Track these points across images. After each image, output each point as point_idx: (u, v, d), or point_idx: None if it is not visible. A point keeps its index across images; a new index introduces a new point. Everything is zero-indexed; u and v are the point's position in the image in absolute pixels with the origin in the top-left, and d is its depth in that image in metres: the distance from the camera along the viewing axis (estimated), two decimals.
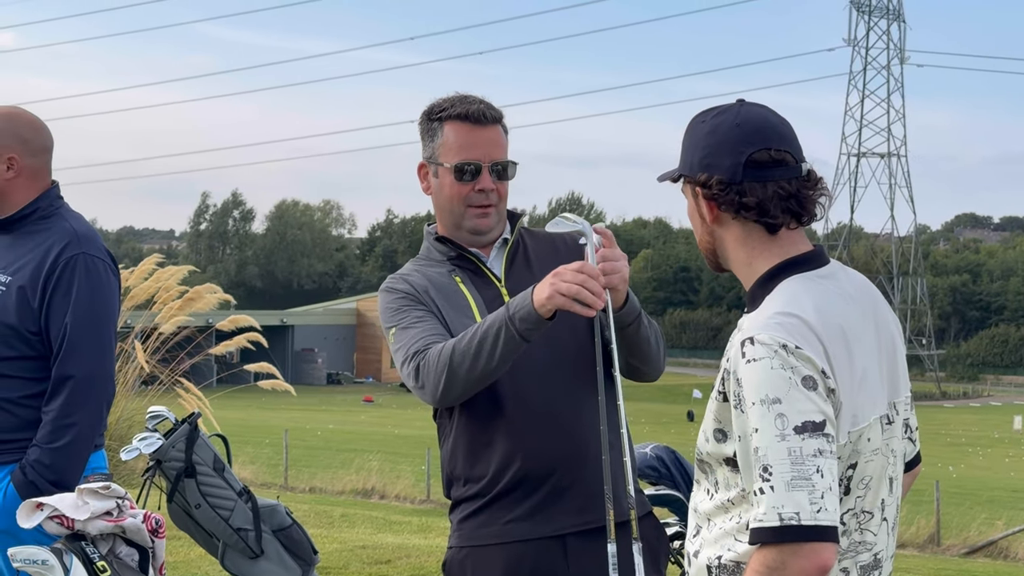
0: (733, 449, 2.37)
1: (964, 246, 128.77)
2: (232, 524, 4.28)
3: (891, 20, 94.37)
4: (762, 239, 2.47)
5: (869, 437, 2.38)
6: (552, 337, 3.04)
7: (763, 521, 2.22)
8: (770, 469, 2.22)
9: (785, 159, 2.44)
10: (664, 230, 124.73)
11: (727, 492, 2.42)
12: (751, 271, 2.49)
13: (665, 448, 5.83)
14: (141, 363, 10.82)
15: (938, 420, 53.84)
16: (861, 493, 2.39)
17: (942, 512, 16.63)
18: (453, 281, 3.29)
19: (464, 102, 3.30)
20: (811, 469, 2.21)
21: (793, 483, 2.20)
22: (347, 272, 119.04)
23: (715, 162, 2.45)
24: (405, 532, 12.19)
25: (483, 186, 3.27)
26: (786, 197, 2.43)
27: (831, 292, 2.43)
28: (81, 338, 3.74)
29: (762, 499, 2.22)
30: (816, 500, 2.19)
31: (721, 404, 2.39)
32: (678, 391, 61.40)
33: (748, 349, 2.31)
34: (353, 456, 21.51)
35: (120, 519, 3.52)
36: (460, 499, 3.27)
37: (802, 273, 2.44)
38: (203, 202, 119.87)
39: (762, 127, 2.46)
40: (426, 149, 3.35)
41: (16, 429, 3.75)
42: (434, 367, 3.07)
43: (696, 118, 2.56)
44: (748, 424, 2.28)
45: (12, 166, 3.83)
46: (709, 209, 2.49)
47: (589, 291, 2.89)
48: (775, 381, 2.26)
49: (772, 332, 2.31)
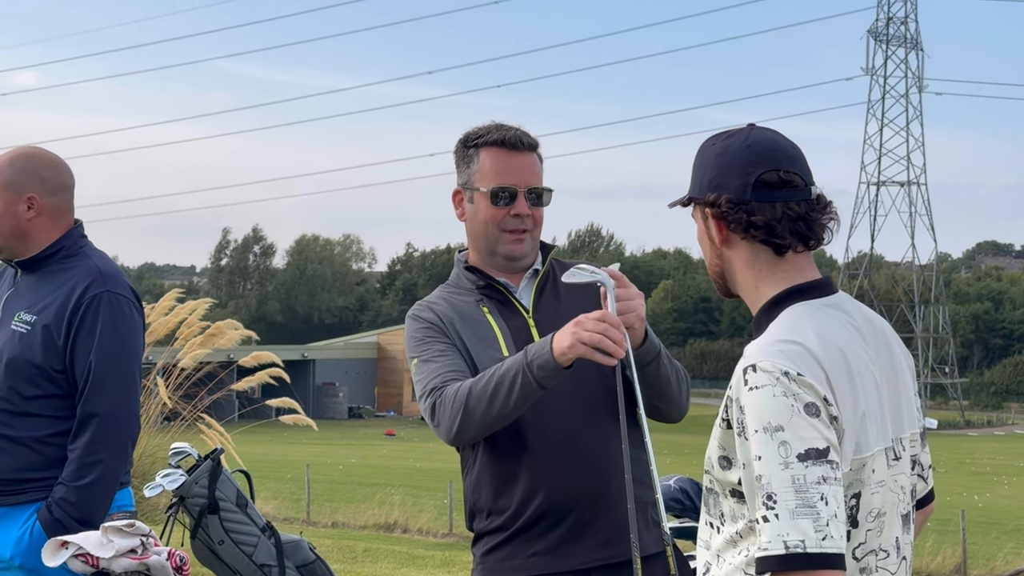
0: (738, 476, 2.35)
1: (986, 274, 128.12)
2: (256, 560, 4.29)
3: (909, 49, 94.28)
4: (769, 262, 2.47)
5: (874, 468, 2.36)
6: (577, 372, 3.03)
7: (768, 550, 2.20)
8: (774, 497, 2.20)
9: (794, 180, 2.45)
10: (684, 261, 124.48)
11: (734, 525, 2.40)
12: (758, 295, 2.50)
13: (689, 480, 5.79)
14: (164, 399, 10.84)
15: (963, 449, 53.43)
16: (871, 527, 2.37)
17: (968, 542, 16.48)
18: (480, 311, 3.29)
19: (500, 129, 3.33)
20: (815, 497, 2.19)
21: (798, 511, 2.18)
22: (367, 306, 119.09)
23: (724, 182, 2.46)
24: (429, 566, 12.15)
25: (518, 211, 3.29)
26: (794, 219, 2.44)
27: (836, 321, 2.43)
28: (106, 376, 3.76)
29: (766, 527, 2.21)
30: (821, 528, 2.17)
31: (725, 431, 2.38)
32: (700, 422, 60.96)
33: (750, 376, 2.30)
34: (375, 490, 21.45)
35: (145, 556, 3.52)
36: (483, 532, 3.27)
37: (807, 301, 2.44)
38: (224, 238, 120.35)
39: (771, 148, 2.47)
40: (461, 175, 3.37)
41: (42, 467, 3.77)
42: (450, 407, 3.07)
43: (706, 142, 2.58)
44: (751, 452, 2.27)
45: (32, 205, 3.86)
46: (718, 230, 2.50)
47: (611, 340, 2.90)
48: (777, 408, 2.25)
49: (774, 359, 2.30)
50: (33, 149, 3.98)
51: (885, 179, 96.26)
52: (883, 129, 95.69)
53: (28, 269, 3.91)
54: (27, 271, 3.91)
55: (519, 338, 3.22)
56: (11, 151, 3.94)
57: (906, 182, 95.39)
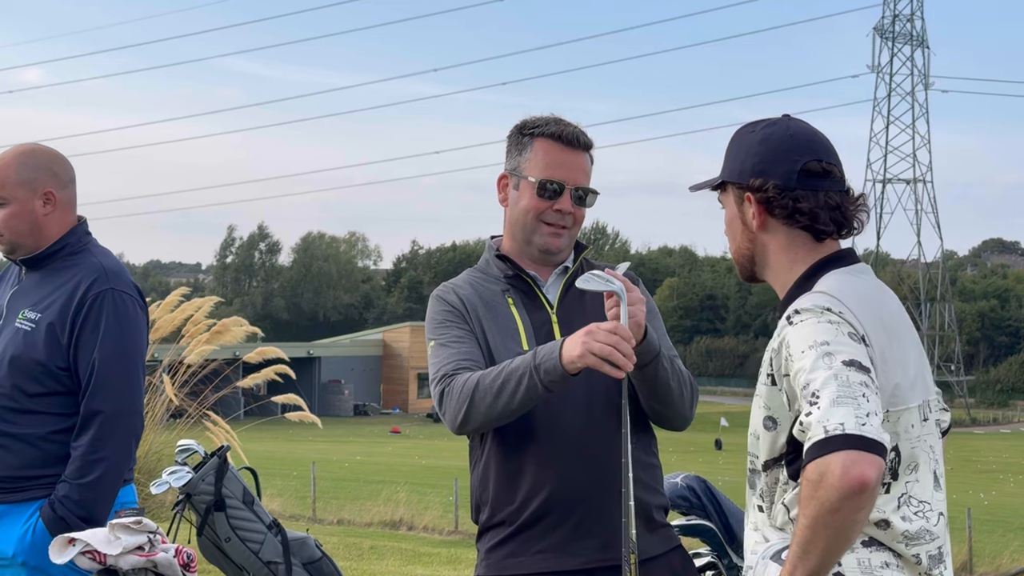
0: (784, 438, 2.38)
1: (992, 271, 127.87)
2: (262, 557, 4.29)
3: (915, 46, 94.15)
4: (807, 246, 2.55)
5: (912, 423, 2.41)
6: (590, 373, 3.02)
7: (811, 439, 2.18)
8: (817, 393, 2.21)
9: (833, 172, 2.54)
10: (690, 258, 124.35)
11: (783, 496, 2.42)
12: (790, 276, 2.56)
13: (696, 478, 5.78)
14: (170, 396, 10.85)
15: (969, 447, 53.41)
16: (910, 478, 2.40)
17: (974, 540, 16.47)
18: (505, 302, 3.29)
19: (559, 123, 3.32)
20: (858, 392, 2.20)
21: (839, 400, 2.18)
22: (373, 303, 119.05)
23: (769, 168, 2.53)
24: (435, 564, 12.15)
25: (562, 207, 3.29)
26: (833, 208, 2.53)
27: (869, 284, 2.52)
28: (109, 373, 3.76)
29: (808, 421, 2.20)
30: (861, 416, 2.16)
31: (769, 389, 2.42)
32: (706, 419, 61.09)
33: (794, 317, 2.38)
34: (381, 487, 21.46)
35: (152, 554, 3.52)
36: (488, 526, 3.27)
37: (841, 268, 2.53)
38: (229, 235, 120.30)
39: (813, 139, 2.56)
40: (511, 161, 3.36)
41: (45, 465, 3.76)
42: (456, 396, 3.08)
43: (744, 128, 2.64)
44: (796, 367, 2.29)
45: (49, 200, 3.87)
46: (758, 214, 2.56)
47: (621, 353, 2.89)
48: (823, 329, 2.31)
49: (816, 302, 2.37)
50: (37, 145, 3.98)
51: (891, 176, 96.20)
52: (889, 127, 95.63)
53: (32, 266, 3.90)
54: (31, 268, 3.91)
55: (540, 332, 3.22)
56: (14, 149, 3.92)
57: (912, 180, 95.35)
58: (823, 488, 2.13)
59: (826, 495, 2.13)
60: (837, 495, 2.11)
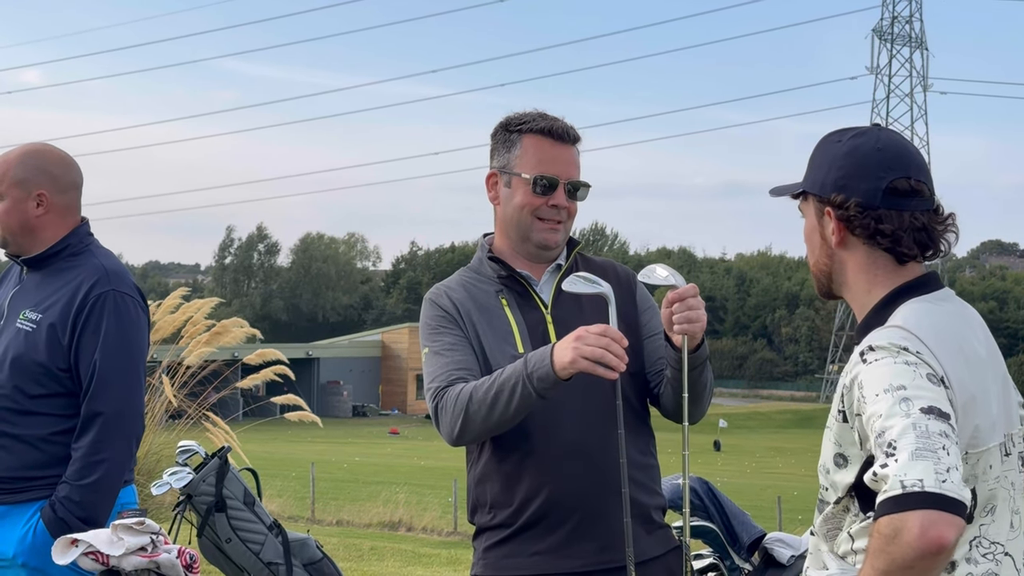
0: (854, 475, 2.27)
1: (990, 273, 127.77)
2: (263, 558, 4.29)
3: (913, 48, 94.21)
4: (887, 268, 2.42)
5: (991, 464, 2.29)
6: (587, 376, 3.02)
7: (886, 493, 2.05)
8: (894, 444, 2.07)
9: (922, 190, 2.39)
10: (688, 260, 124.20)
11: (850, 525, 2.33)
12: (869, 299, 2.43)
13: (698, 479, 5.77)
14: (169, 397, 10.85)
15: None
16: (985, 520, 2.30)
17: None
18: (499, 303, 3.28)
19: (546, 118, 3.32)
20: (937, 444, 2.05)
21: (918, 453, 2.04)
22: (372, 304, 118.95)
23: (852, 184, 2.39)
24: (434, 564, 12.16)
25: (556, 202, 3.28)
26: (919, 229, 2.38)
27: (949, 314, 2.37)
28: (110, 375, 3.75)
29: (884, 473, 2.06)
30: (942, 472, 2.02)
31: (840, 425, 2.30)
32: (704, 420, 60.26)
33: (868, 355, 2.24)
34: (380, 488, 21.45)
35: (155, 555, 3.52)
36: (485, 527, 3.27)
37: (920, 296, 2.38)
38: (228, 236, 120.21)
39: (903, 154, 2.40)
40: (499, 159, 3.35)
41: (45, 466, 3.76)
42: (451, 409, 3.08)
43: (830, 137, 2.50)
44: (869, 411, 2.16)
45: (42, 203, 3.86)
46: (838, 231, 2.43)
47: (612, 354, 2.89)
48: (899, 372, 2.17)
49: (891, 339, 2.24)
50: (43, 146, 3.98)
51: None
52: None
53: (34, 267, 3.91)
54: (33, 269, 3.91)
55: (535, 333, 3.22)
56: (22, 147, 3.93)
57: None
58: (897, 545, 2.02)
59: (900, 552, 2.02)
60: (913, 554, 2.01)
